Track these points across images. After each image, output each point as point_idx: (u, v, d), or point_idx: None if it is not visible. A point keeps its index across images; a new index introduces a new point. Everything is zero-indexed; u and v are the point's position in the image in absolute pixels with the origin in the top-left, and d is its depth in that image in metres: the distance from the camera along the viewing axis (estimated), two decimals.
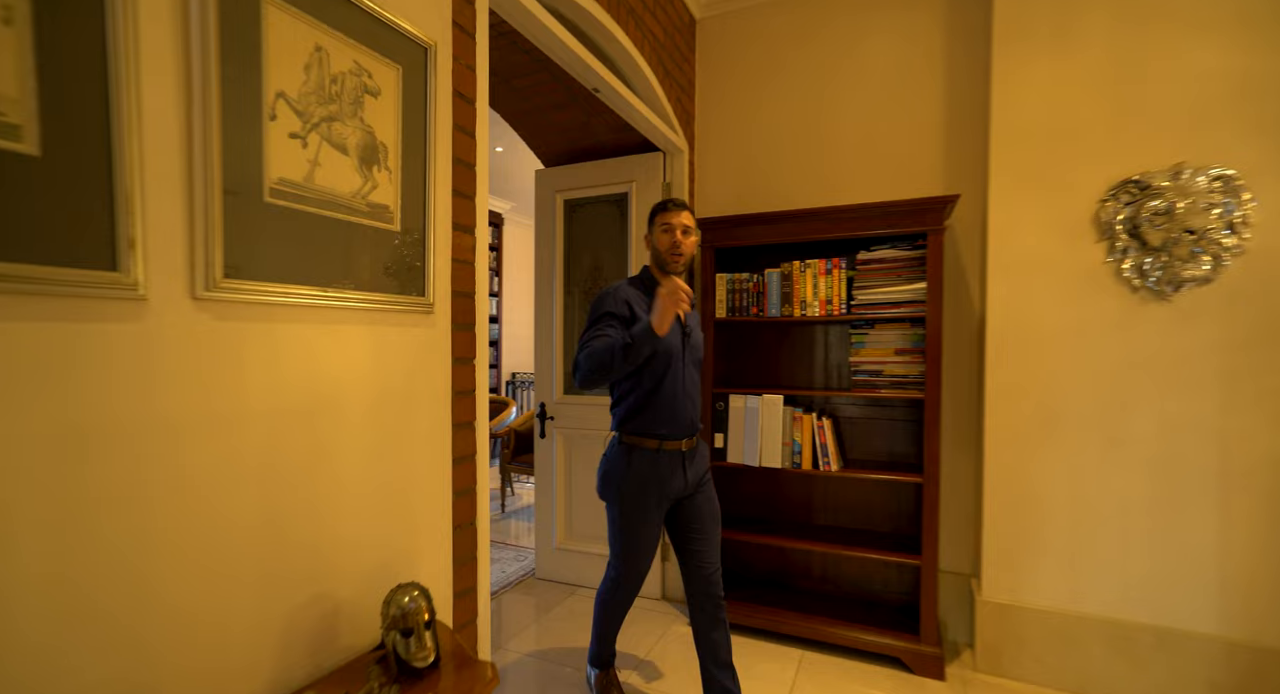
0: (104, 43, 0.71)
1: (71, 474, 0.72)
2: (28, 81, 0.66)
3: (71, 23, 0.69)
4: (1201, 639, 1.89)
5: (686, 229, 1.72)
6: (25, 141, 0.66)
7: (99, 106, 0.71)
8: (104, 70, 0.72)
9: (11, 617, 0.67)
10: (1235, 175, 1.83)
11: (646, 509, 1.69)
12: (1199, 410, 1.89)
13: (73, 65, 0.69)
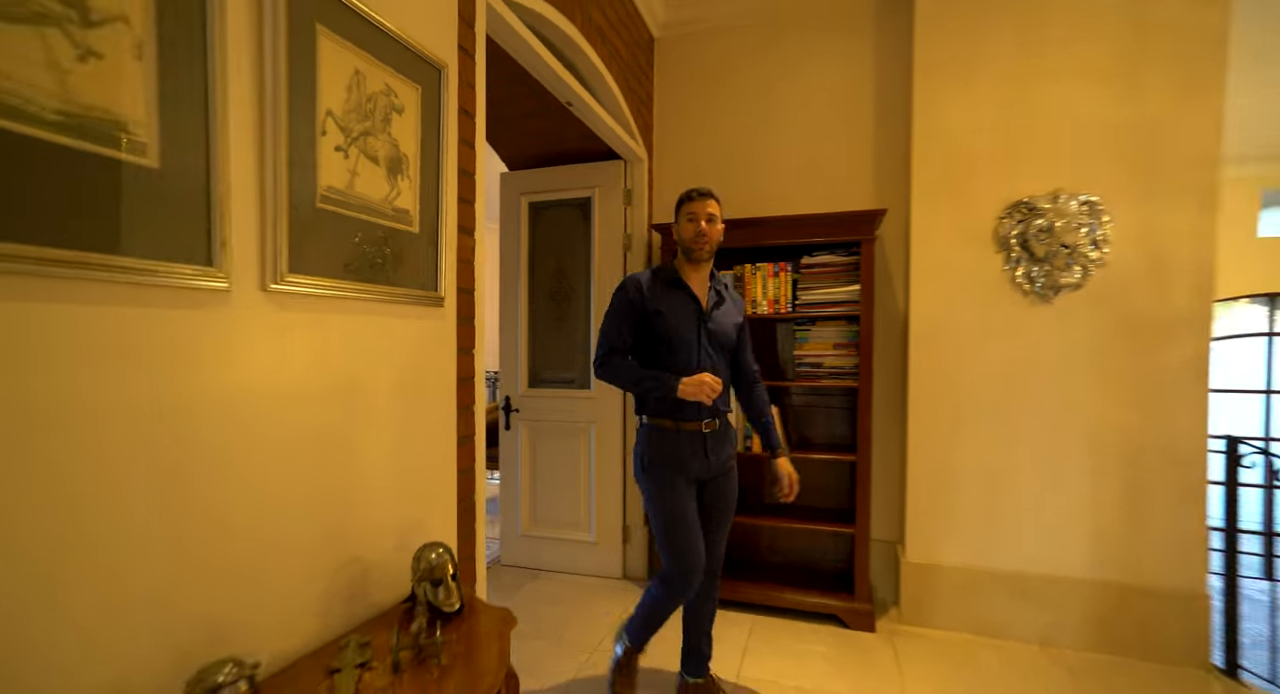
0: (206, 76, 0.84)
1: (175, 441, 0.83)
2: (151, 107, 0.78)
3: (184, 60, 0.81)
4: (1079, 582, 2.29)
5: (711, 217, 1.72)
6: (149, 157, 0.78)
7: (200, 128, 0.84)
8: (205, 98, 0.84)
9: (130, 550, 0.78)
10: (1098, 201, 2.24)
11: (674, 486, 1.70)
12: (1075, 395, 2.29)
13: (184, 95, 0.81)
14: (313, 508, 1.06)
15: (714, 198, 1.75)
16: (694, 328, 1.73)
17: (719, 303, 1.80)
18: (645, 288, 1.75)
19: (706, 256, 1.75)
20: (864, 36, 2.76)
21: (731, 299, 1.86)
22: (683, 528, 1.68)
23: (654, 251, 3.03)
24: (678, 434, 1.72)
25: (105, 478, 0.76)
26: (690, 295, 1.75)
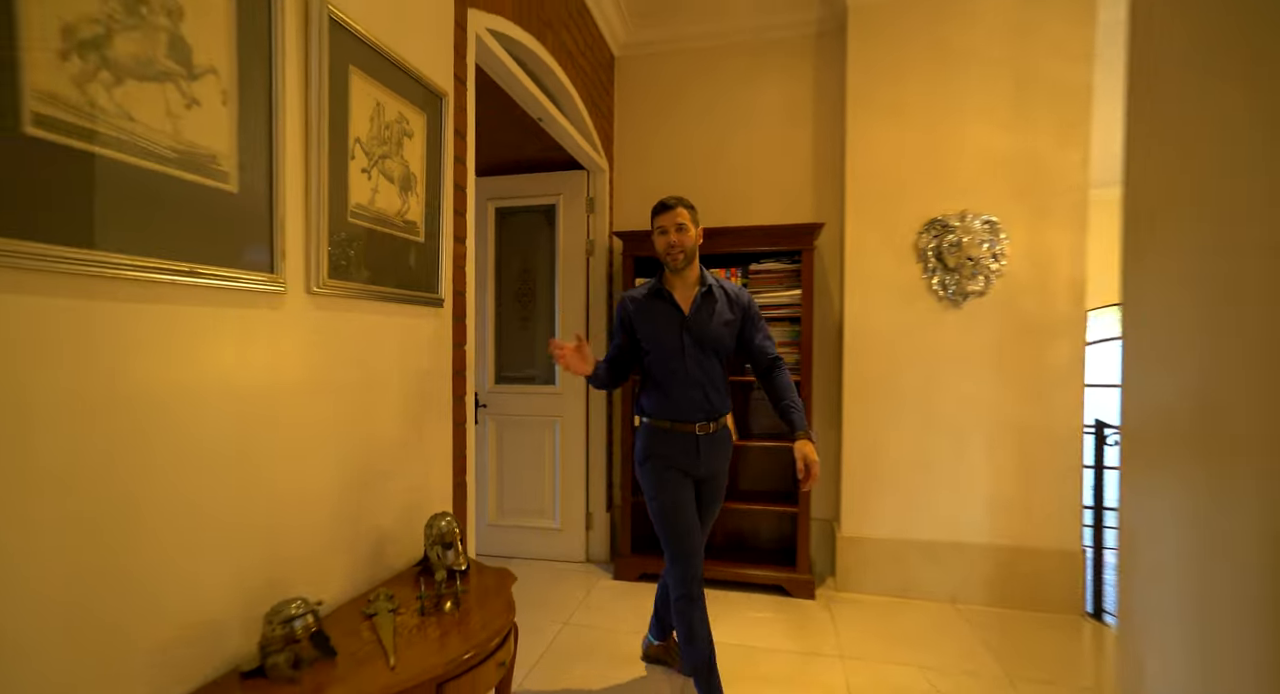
0: (270, 115, 1.00)
1: (240, 419, 0.99)
2: (232, 142, 0.93)
3: (254, 102, 0.97)
4: (979, 546, 2.67)
5: (680, 226, 1.76)
6: (230, 183, 0.93)
7: (266, 159, 1.00)
8: (270, 133, 1.00)
9: (202, 505, 0.94)
10: (997, 221, 2.63)
11: (668, 478, 1.78)
12: (979, 388, 2.68)
13: (254, 131, 0.97)
14: (342, 480, 1.23)
15: (683, 205, 1.78)
16: (676, 334, 1.78)
17: (704, 305, 1.82)
18: (631, 303, 1.85)
19: (683, 265, 1.79)
20: (804, 67, 3.08)
21: (726, 296, 1.86)
22: (677, 516, 1.75)
23: (615, 257, 3.26)
24: (671, 434, 1.78)
25: (197, 447, 0.92)
26: (673, 304, 1.82)
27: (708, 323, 1.80)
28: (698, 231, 1.82)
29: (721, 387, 1.84)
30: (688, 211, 1.79)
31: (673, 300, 1.82)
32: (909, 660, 2.22)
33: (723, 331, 1.81)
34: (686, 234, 1.77)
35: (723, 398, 1.85)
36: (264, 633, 0.93)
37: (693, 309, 1.80)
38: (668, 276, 1.84)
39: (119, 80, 0.77)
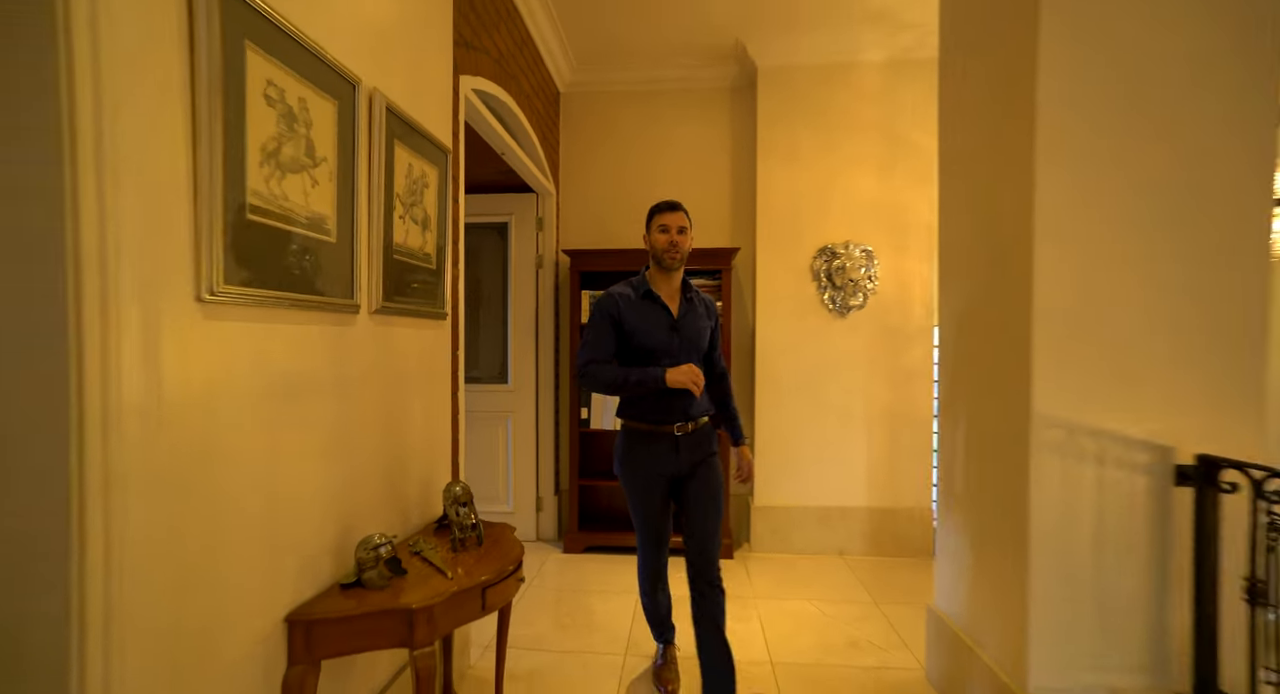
0: (353, 184, 1.37)
1: (337, 403, 1.36)
2: (334, 207, 1.31)
3: (344, 177, 1.35)
4: (859, 509, 3.36)
5: (682, 228, 1.80)
6: (332, 236, 1.31)
7: (350, 217, 1.37)
8: (352, 197, 1.38)
9: (305, 468, 1.31)
10: (872, 250, 3.33)
11: (644, 486, 1.83)
12: (859, 381, 3.37)
13: (344, 197, 1.35)
14: (386, 451, 1.60)
15: (684, 211, 1.83)
16: (667, 336, 1.81)
17: (688, 310, 1.87)
18: (621, 302, 1.84)
19: (677, 266, 1.83)
20: (722, 113, 3.67)
21: (701, 304, 1.93)
22: (653, 523, 1.87)
23: (561, 271, 3.69)
24: (651, 436, 1.81)
25: (316, 422, 1.28)
26: (662, 306, 1.84)
27: (693, 327, 1.86)
28: (692, 238, 1.87)
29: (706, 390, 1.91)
30: (687, 217, 1.84)
31: (659, 300, 1.84)
32: (805, 597, 2.83)
33: (702, 336, 1.88)
34: (686, 237, 1.82)
35: (705, 398, 1.89)
36: (359, 557, 1.31)
37: (681, 312, 1.85)
38: (654, 279, 1.86)
39: (283, 175, 1.14)
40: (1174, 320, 1.49)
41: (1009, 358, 1.64)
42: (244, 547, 1.09)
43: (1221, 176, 1.47)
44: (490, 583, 1.40)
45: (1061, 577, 1.53)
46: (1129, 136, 1.49)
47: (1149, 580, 1.50)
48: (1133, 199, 1.49)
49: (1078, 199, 1.50)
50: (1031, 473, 1.54)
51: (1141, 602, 1.50)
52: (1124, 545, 1.51)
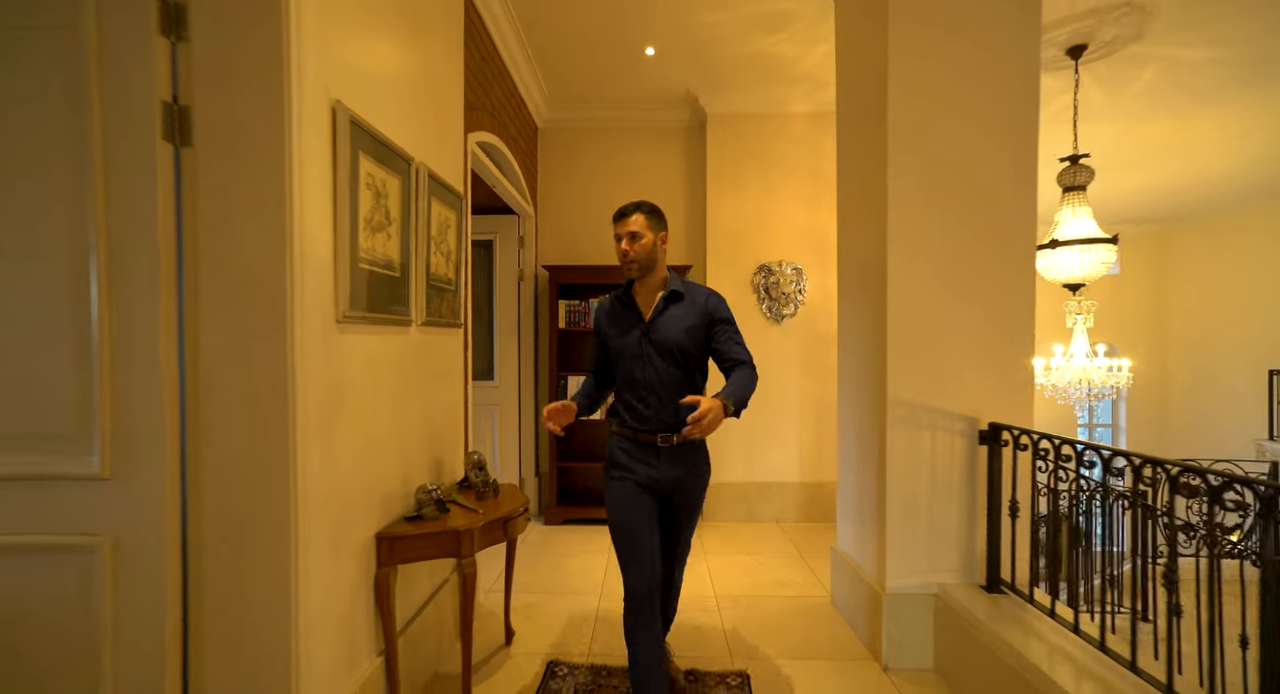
0: (408, 234, 1.93)
1: (401, 393, 1.91)
2: (398, 252, 1.86)
3: (402, 229, 1.90)
4: (793, 484, 4.04)
5: (634, 234, 1.71)
6: (397, 272, 1.86)
7: (408, 257, 1.92)
8: (407, 245, 1.93)
9: (382, 433, 1.86)
10: (802, 268, 4.02)
11: (625, 496, 1.74)
12: (793, 377, 4.05)
13: (405, 242, 1.90)
14: (425, 427, 2.15)
15: (641, 211, 1.72)
16: (636, 341, 1.76)
17: (665, 311, 1.76)
18: (603, 311, 1.87)
19: (638, 274, 1.75)
20: (677, 148, 4.30)
21: (691, 301, 1.78)
22: (631, 539, 1.69)
23: (540, 283, 4.25)
24: (635, 444, 1.77)
25: (388, 403, 1.83)
26: (635, 310, 1.80)
27: (668, 329, 1.74)
28: (657, 237, 1.75)
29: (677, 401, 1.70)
30: (645, 217, 1.73)
31: (635, 306, 1.80)
32: (745, 553, 3.48)
33: (684, 338, 1.73)
34: (640, 241, 1.71)
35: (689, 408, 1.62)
36: (419, 497, 1.87)
37: (653, 315, 1.76)
38: (634, 283, 1.82)
39: (373, 234, 1.69)
40: (974, 336, 2.19)
41: (874, 361, 2.32)
42: (355, 481, 1.63)
43: (1000, 236, 2.18)
44: (508, 518, 1.98)
45: (906, 510, 2.21)
46: (942, 208, 2.18)
47: (962, 510, 2.19)
48: (944, 253, 2.18)
49: (910, 251, 2.19)
50: (888, 439, 2.21)
51: (957, 525, 2.19)
52: (946, 486, 2.19)
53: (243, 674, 1.35)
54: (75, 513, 1.29)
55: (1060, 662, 1.65)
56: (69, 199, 1.28)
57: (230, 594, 1.34)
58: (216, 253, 1.32)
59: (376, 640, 1.76)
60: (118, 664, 1.30)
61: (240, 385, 1.33)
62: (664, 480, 1.76)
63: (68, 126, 1.27)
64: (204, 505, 1.34)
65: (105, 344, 1.29)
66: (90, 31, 1.25)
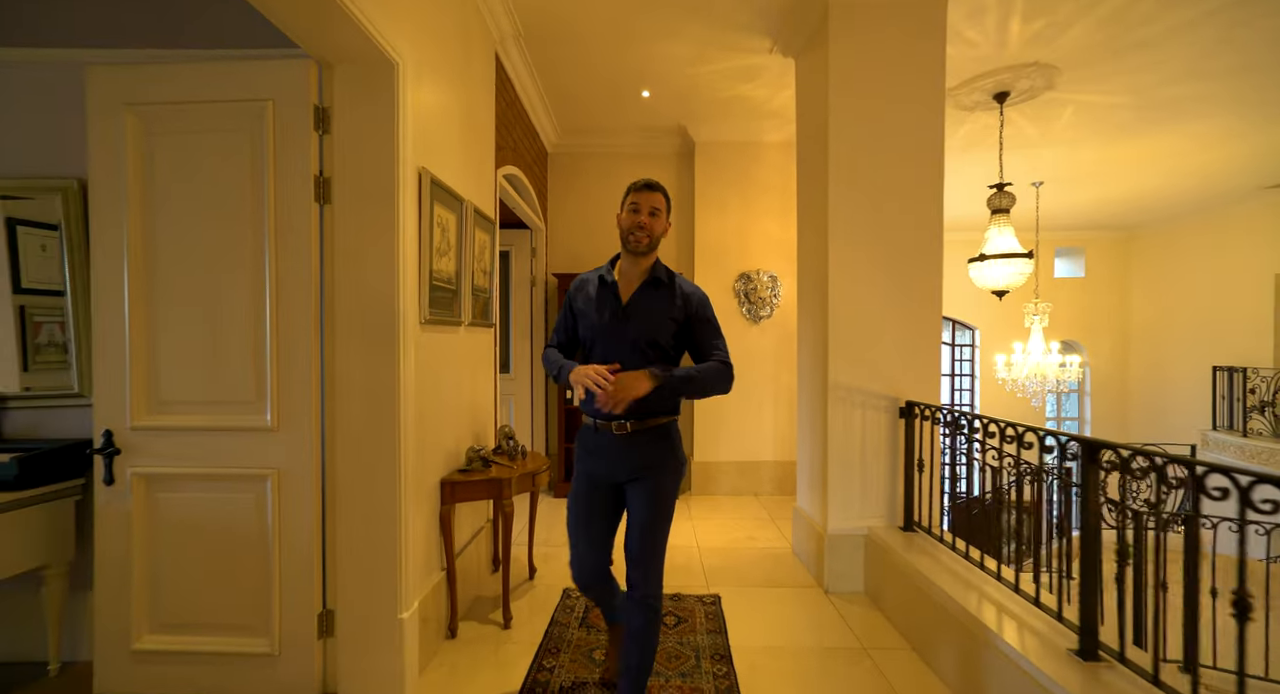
0: (459, 258, 2.55)
1: (455, 379, 2.53)
2: (454, 268, 2.48)
3: (457, 253, 2.52)
4: (767, 462, 4.68)
5: (655, 211, 1.66)
6: (453, 285, 2.47)
7: (458, 274, 2.54)
8: (459, 264, 2.55)
9: (445, 405, 2.48)
10: (777, 275, 4.65)
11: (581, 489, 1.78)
12: (767, 369, 4.67)
13: (456, 264, 2.52)
14: (468, 408, 2.77)
15: (662, 192, 1.68)
16: (607, 323, 1.68)
17: (644, 296, 1.69)
18: (578, 286, 1.79)
19: (644, 250, 1.67)
20: (668, 170, 4.93)
21: (677, 294, 1.71)
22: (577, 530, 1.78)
23: (550, 289, 4.87)
24: (595, 433, 1.72)
25: (451, 385, 2.45)
26: (614, 292, 1.70)
27: (644, 316, 1.67)
28: (667, 224, 1.72)
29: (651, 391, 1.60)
30: (665, 199, 1.70)
31: (614, 288, 1.71)
32: (727, 518, 4.12)
33: (657, 329, 1.67)
34: (658, 219, 1.68)
35: (659, 398, 1.64)
36: (469, 456, 2.49)
37: (631, 299, 1.69)
38: (620, 264, 1.75)
39: (439, 257, 2.31)
40: (895, 334, 2.82)
41: (820, 353, 2.94)
42: (430, 439, 2.25)
43: (914, 256, 2.81)
44: (535, 472, 2.60)
45: (843, 471, 2.83)
46: (871, 231, 2.81)
47: (886, 469, 2.82)
48: (872, 268, 2.81)
49: (847, 267, 2.81)
50: (829, 415, 2.84)
51: (883, 480, 2.82)
52: (874, 451, 2.82)
53: (364, 570, 1.96)
54: (256, 453, 1.91)
55: (945, 574, 2.28)
56: (251, 241, 1.89)
57: (355, 512, 1.96)
58: (349, 275, 1.93)
59: (440, 560, 2.38)
60: (282, 554, 1.92)
61: (363, 367, 1.94)
62: (622, 468, 1.69)
63: (252, 188, 1.88)
64: (337, 450, 1.95)
65: (274, 340, 1.90)
66: (270, 123, 1.87)
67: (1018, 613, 1.89)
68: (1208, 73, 3.53)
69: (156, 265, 1.91)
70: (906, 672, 2.15)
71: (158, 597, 1.93)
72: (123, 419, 1.91)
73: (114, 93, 1.87)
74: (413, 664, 2.00)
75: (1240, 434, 7.13)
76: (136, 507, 1.92)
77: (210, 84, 1.88)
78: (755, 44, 3.36)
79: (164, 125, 1.90)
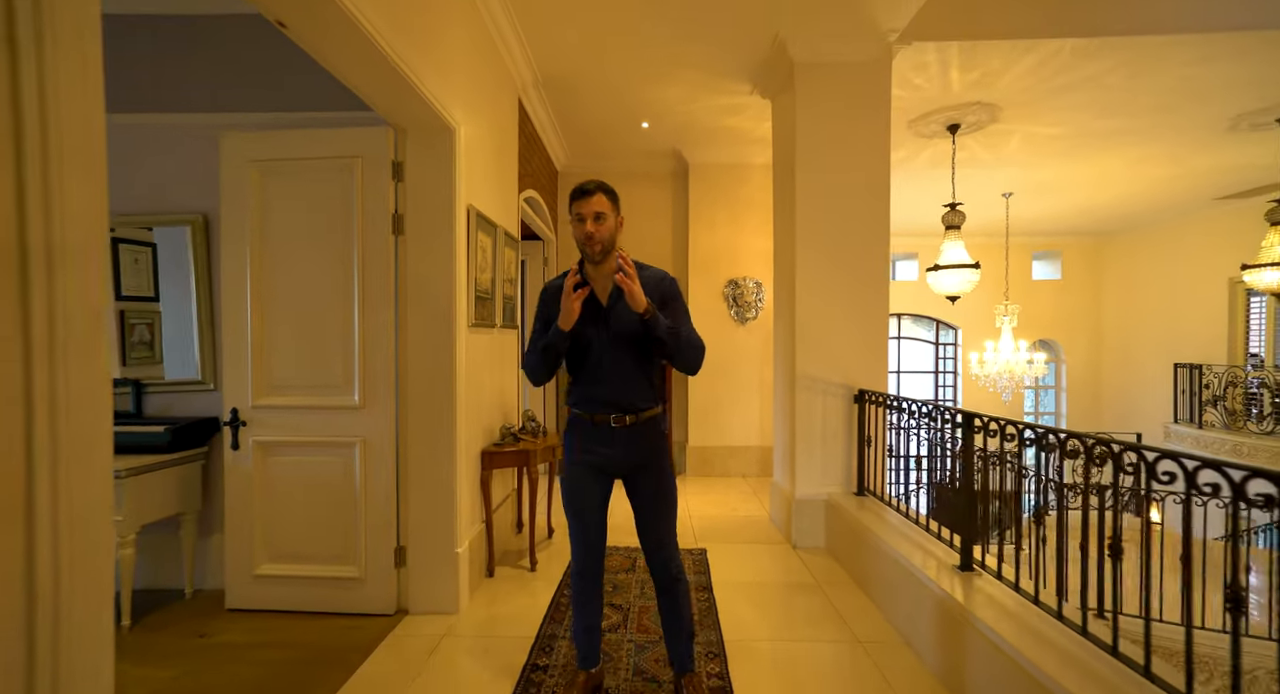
0: (494, 273, 3.15)
1: (488, 374, 3.12)
2: (490, 282, 3.08)
3: (492, 269, 3.12)
4: (753, 447, 5.28)
5: (599, 215, 1.66)
6: (490, 296, 3.07)
7: (493, 286, 3.14)
8: (494, 278, 3.14)
9: (483, 391, 3.08)
10: (761, 282, 5.25)
11: (578, 477, 1.80)
12: (753, 366, 5.27)
13: (492, 278, 3.12)
14: (498, 394, 3.37)
15: (603, 192, 1.69)
16: (593, 326, 1.74)
17: (620, 295, 1.72)
18: (552, 295, 1.81)
19: (599, 258, 1.70)
20: (665, 189, 5.52)
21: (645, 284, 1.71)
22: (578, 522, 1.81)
23: None
24: (591, 425, 1.78)
25: (486, 378, 3.05)
26: (591, 295, 1.73)
27: (624, 315, 1.72)
28: (618, 220, 1.73)
29: (640, 380, 1.77)
30: (608, 199, 1.70)
31: (592, 292, 1.74)
32: (717, 494, 4.72)
33: (639, 322, 1.69)
34: (604, 224, 1.68)
35: (644, 392, 1.78)
36: (501, 431, 3.09)
37: (610, 301, 1.75)
38: (588, 267, 1.76)
39: (479, 273, 2.90)
40: (851, 333, 3.42)
41: (789, 349, 3.54)
42: (473, 417, 2.84)
43: (866, 268, 3.40)
44: (554, 447, 3.20)
45: (808, 448, 3.43)
46: (831, 247, 3.40)
47: (843, 446, 3.42)
48: (832, 278, 3.41)
49: (811, 276, 3.41)
50: (796, 401, 3.44)
51: (841, 455, 3.42)
52: (834, 431, 3.42)
53: (428, 515, 2.55)
54: (346, 425, 2.51)
55: (888, 529, 2.86)
56: (343, 263, 2.49)
57: (422, 471, 2.55)
58: (417, 289, 2.52)
59: (480, 514, 2.98)
60: (367, 502, 2.51)
61: (427, 360, 2.54)
62: (619, 461, 1.79)
63: (341, 222, 2.48)
64: (410, 424, 2.54)
65: (361, 338, 2.50)
66: (358, 175, 2.46)
67: (927, 547, 2.49)
68: (1129, 111, 4.12)
69: (270, 281, 2.51)
70: (849, 599, 2.75)
71: (272, 535, 2.53)
72: (245, 399, 2.51)
73: (241, 152, 2.47)
74: (465, 588, 2.60)
75: (1197, 426, 7.71)
76: (255, 466, 2.52)
77: (314, 146, 2.48)
78: (738, 87, 3.96)
79: (278, 176, 2.50)
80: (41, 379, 0.75)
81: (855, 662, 2.20)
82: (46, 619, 0.74)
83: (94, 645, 0.80)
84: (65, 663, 0.75)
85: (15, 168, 0.74)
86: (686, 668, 1.89)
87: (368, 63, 1.91)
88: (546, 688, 2.00)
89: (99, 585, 0.81)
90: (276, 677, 2.07)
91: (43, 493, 0.74)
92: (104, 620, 0.82)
